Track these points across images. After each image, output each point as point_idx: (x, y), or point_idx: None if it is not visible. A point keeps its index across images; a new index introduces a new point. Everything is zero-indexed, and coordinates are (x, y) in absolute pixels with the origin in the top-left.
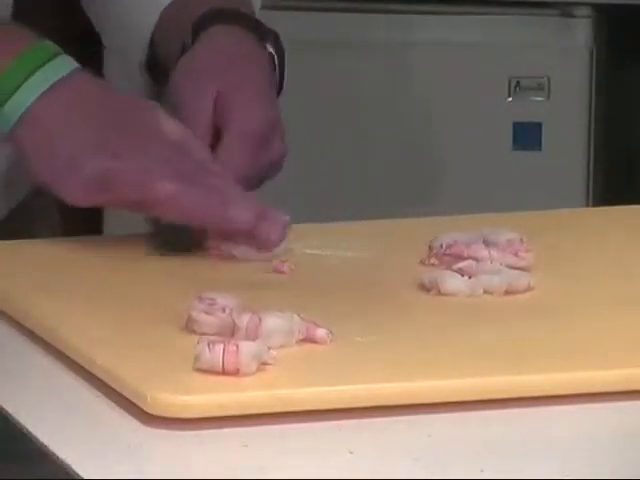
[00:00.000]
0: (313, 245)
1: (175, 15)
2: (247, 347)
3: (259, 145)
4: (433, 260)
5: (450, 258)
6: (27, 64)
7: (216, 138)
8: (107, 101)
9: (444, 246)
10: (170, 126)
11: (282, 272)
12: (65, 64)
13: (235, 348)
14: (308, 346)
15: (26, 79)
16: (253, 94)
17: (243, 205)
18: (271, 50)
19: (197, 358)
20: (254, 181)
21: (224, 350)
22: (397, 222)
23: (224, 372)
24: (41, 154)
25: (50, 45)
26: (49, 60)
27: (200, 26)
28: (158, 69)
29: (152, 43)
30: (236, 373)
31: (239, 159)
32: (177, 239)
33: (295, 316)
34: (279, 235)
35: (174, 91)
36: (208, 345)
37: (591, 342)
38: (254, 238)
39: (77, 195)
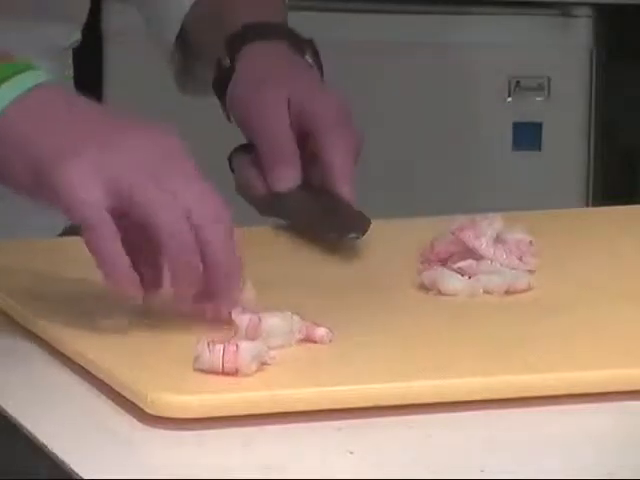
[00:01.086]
0: (313, 244)
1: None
2: (247, 347)
3: (350, 131)
4: (433, 260)
5: (451, 246)
6: None
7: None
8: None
9: (454, 227)
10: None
11: None
12: (35, 76)
13: (235, 348)
14: (308, 346)
15: None
16: (322, 89)
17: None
18: (310, 61)
19: (197, 358)
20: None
21: (224, 350)
22: (397, 222)
23: (224, 372)
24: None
25: (21, 60)
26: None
27: (237, 43)
28: (188, 48)
29: (183, 26)
30: (236, 373)
31: (347, 152)
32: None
33: (295, 316)
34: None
35: (237, 104)
36: (208, 345)
37: (591, 342)
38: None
39: (76, 181)
